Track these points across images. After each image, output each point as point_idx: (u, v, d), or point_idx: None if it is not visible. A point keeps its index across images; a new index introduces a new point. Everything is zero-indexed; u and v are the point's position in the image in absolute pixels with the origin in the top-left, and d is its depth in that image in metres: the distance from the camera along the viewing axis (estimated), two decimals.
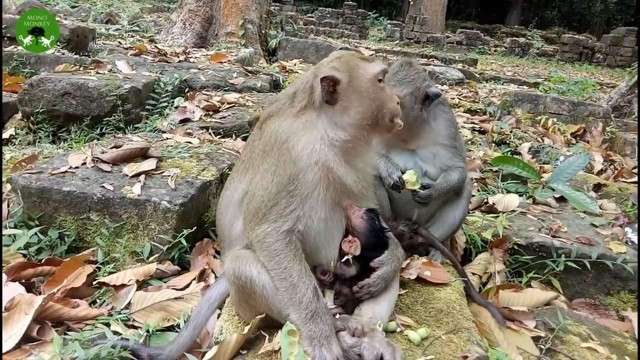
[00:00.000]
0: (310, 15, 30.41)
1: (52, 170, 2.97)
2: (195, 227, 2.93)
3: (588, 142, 7.06)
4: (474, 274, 2.95)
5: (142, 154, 3.30)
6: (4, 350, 1.93)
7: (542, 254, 3.14)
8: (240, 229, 1.97)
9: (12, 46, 7.02)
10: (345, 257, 1.93)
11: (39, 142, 4.65)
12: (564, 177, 4.29)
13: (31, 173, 2.91)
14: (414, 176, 2.54)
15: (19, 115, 4.96)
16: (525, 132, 7.01)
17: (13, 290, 2.26)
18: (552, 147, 6.37)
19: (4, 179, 3.30)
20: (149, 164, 3.15)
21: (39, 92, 4.77)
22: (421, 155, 2.76)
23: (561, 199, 4.06)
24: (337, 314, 1.87)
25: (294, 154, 1.82)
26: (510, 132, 6.74)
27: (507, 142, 6.57)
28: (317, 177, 1.81)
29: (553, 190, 4.15)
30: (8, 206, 2.93)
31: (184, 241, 2.82)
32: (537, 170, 4.63)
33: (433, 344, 1.88)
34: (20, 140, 4.62)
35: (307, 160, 1.81)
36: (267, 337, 1.78)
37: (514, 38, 29.70)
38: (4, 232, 2.74)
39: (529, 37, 30.85)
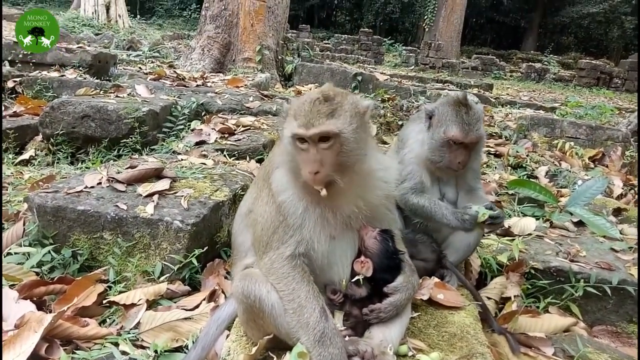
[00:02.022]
0: (327, 42, 30.92)
1: (67, 189, 3.01)
2: (207, 247, 2.92)
3: (607, 166, 6.94)
4: (489, 298, 2.88)
5: (156, 175, 3.33)
6: None
7: (560, 278, 3.05)
8: (242, 240, 2.05)
9: (37, 71, 7.25)
10: (356, 278, 1.89)
11: (57, 163, 4.74)
12: (582, 201, 4.20)
13: (47, 192, 2.96)
14: (483, 209, 2.50)
15: (39, 137, 5.08)
16: (541, 156, 6.92)
17: (24, 307, 2.27)
18: (570, 171, 6.27)
19: (20, 197, 3.36)
20: (162, 184, 3.17)
21: (59, 115, 4.89)
22: (445, 180, 2.75)
23: (579, 224, 3.96)
24: (347, 336, 1.82)
25: (273, 188, 1.88)
26: (527, 155, 6.67)
27: (524, 165, 6.49)
28: (299, 210, 1.82)
29: (571, 214, 4.06)
30: (24, 224, 2.97)
31: (195, 261, 2.81)
32: (554, 194, 4.56)
33: None
34: (39, 162, 4.72)
35: (281, 196, 1.85)
36: (275, 358, 1.74)
37: (530, 63, 29.68)
38: (18, 250, 2.77)
39: (545, 63, 30.81)
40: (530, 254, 3.22)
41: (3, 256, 2.82)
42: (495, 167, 6.13)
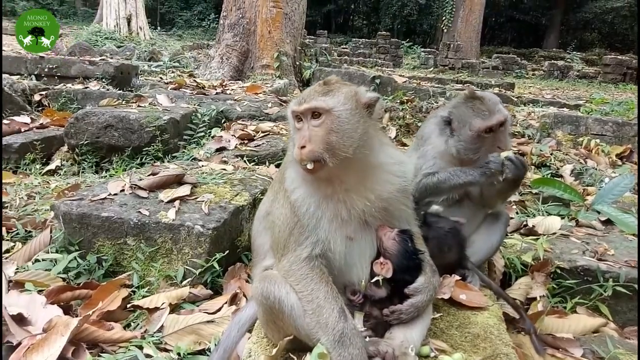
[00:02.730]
0: (344, 46, 30.93)
1: (92, 197, 3.08)
2: (228, 252, 2.95)
3: (635, 163, 6.74)
4: (514, 299, 2.81)
5: (177, 181, 3.38)
6: None
7: (588, 278, 2.97)
8: (261, 242, 2.09)
9: (62, 84, 7.45)
10: (376, 279, 1.88)
11: (82, 172, 4.86)
12: (609, 199, 4.07)
13: (72, 200, 3.03)
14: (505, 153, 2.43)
15: (65, 148, 5.21)
16: (566, 154, 6.77)
17: (51, 312, 2.32)
18: (596, 169, 6.12)
19: (47, 206, 3.44)
20: (183, 190, 3.22)
21: (83, 125, 5.01)
22: None
23: (607, 222, 3.86)
24: (367, 337, 1.81)
25: (286, 186, 1.90)
26: (551, 154, 6.53)
27: (548, 164, 6.36)
28: (311, 207, 1.83)
29: (598, 212, 3.96)
30: (51, 232, 3.05)
31: (216, 265, 2.84)
32: (580, 192, 4.45)
33: None
34: (65, 171, 4.84)
35: (294, 194, 1.86)
36: (296, 359, 1.74)
37: (553, 61, 29.10)
38: (46, 256, 2.84)
39: (568, 60, 30.17)
40: (556, 253, 3.15)
41: (31, 262, 2.90)
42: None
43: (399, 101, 8.44)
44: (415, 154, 2.71)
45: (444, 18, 32.37)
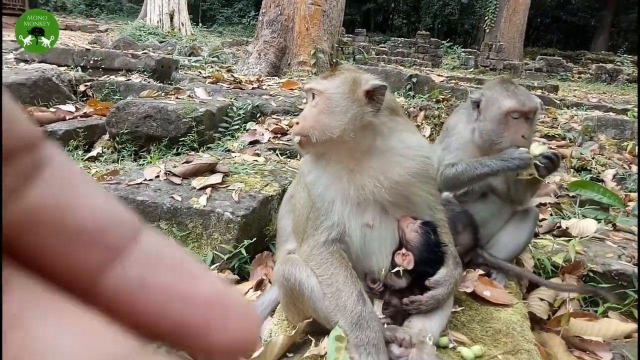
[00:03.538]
0: (383, 45, 30.71)
1: (128, 181, 3.21)
2: (256, 239, 3.01)
3: None
4: (542, 299, 2.76)
5: (210, 169, 3.47)
6: None
7: (622, 282, 2.87)
8: (284, 224, 2.18)
9: (106, 76, 7.75)
10: (396, 269, 1.89)
11: (122, 160, 5.04)
12: None
13: (110, 184, 3.16)
14: (538, 147, 2.35)
15: (106, 136, 5.43)
16: (609, 159, 6.53)
17: None
18: None
19: None
20: (215, 178, 3.30)
21: (124, 115, 5.20)
22: None
23: None
24: (386, 324, 1.82)
25: (302, 171, 2.01)
26: (592, 158, 6.32)
27: (588, 168, 6.15)
28: (319, 188, 1.88)
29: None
30: None
31: (244, 251, 2.90)
32: (621, 198, 4.30)
33: None
34: (105, 159, 5.04)
35: (307, 178, 1.93)
36: (314, 341, 1.77)
37: (601, 64, 28.00)
38: None
39: (618, 63, 28.96)
40: (589, 256, 3.05)
41: None
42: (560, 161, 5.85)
43: (434, 100, 8.35)
44: (440, 146, 2.68)
45: (486, 18, 31.67)
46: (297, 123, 1.84)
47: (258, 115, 6.37)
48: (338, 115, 1.78)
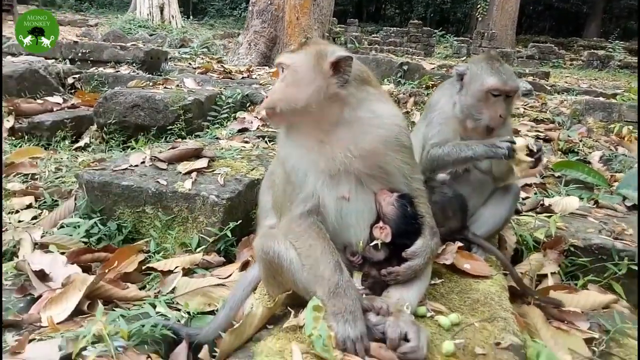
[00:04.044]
0: (375, 35, 30.59)
1: (114, 167, 3.22)
2: (241, 222, 3.03)
3: None
4: (523, 273, 2.80)
5: (196, 154, 3.48)
6: (58, 320, 2.10)
7: (602, 256, 2.92)
8: (265, 200, 2.21)
9: (94, 67, 7.72)
10: (374, 242, 1.91)
11: (110, 150, 5.04)
12: (635, 182, 3.98)
13: (95, 169, 3.17)
14: (523, 141, 2.41)
15: (94, 127, 5.42)
16: (596, 141, 6.58)
17: (71, 270, 2.46)
18: (627, 156, 5.92)
19: (74, 178, 3.61)
20: (201, 163, 3.32)
21: (111, 105, 5.19)
22: None
23: (634, 209, 3.75)
24: (364, 295, 1.86)
25: (278, 146, 2.09)
26: (580, 141, 6.36)
27: (576, 150, 6.19)
28: (292, 159, 1.93)
29: (624, 198, 3.86)
30: (75, 200, 3.20)
31: (229, 234, 2.93)
32: (607, 178, 4.34)
33: (464, 330, 1.81)
34: (93, 148, 5.04)
35: (281, 152, 2.02)
36: (293, 313, 1.80)
37: (593, 51, 28.01)
38: (67, 221, 3.00)
39: (610, 50, 28.93)
40: (571, 231, 3.10)
41: (56, 228, 3.06)
42: (544, 152, 5.89)
43: (424, 86, 8.37)
44: (423, 123, 2.71)
45: (478, 6, 31.62)
46: (266, 97, 1.88)
47: (248, 104, 6.37)
48: (303, 87, 1.81)
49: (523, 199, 3.74)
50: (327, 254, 1.77)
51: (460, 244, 2.40)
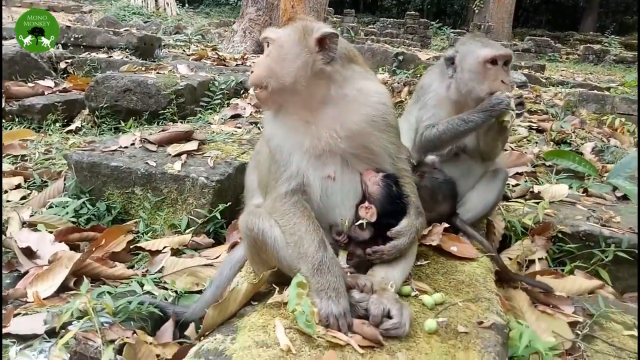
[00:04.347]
0: (372, 26, 30.44)
1: (103, 148, 3.21)
2: (231, 204, 3.03)
3: None
4: (510, 259, 2.82)
5: (186, 137, 3.48)
6: (45, 296, 2.10)
7: (589, 243, 2.94)
8: (251, 180, 2.20)
9: (86, 53, 7.64)
10: (360, 222, 1.91)
11: (101, 134, 5.00)
12: (625, 173, 4.01)
13: (84, 150, 3.16)
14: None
15: (86, 111, 5.38)
16: (589, 133, 6.60)
17: (58, 248, 2.46)
18: (618, 148, 5.95)
19: (64, 160, 3.58)
20: (191, 145, 3.32)
21: (103, 89, 5.15)
22: None
23: (623, 198, 3.78)
24: (349, 274, 1.86)
25: (263, 125, 2.09)
26: (573, 132, 6.38)
27: (568, 141, 6.21)
28: (276, 138, 1.92)
29: (614, 189, 3.88)
30: (64, 180, 3.19)
31: (219, 216, 2.93)
32: (598, 168, 4.36)
33: (448, 309, 1.82)
34: (85, 132, 5.00)
35: (265, 131, 2.04)
36: (278, 289, 1.81)
37: (589, 45, 28.03)
38: (55, 200, 2.98)
39: (606, 44, 28.96)
40: (559, 218, 3.12)
41: (45, 208, 3.05)
42: (537, 143, 5.91)
43: (419, 75, 8.34)
44: (415, 107, 2.71)
45: None
46: (252, 72, 1.86)
47: (242, 91, 6.33)
48: (288, 62, 1.80)
49: (513, 186, 3.76)
50: (311, 231, 1.77)
51: (446, 224, 2.39)
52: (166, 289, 2.41)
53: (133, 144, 3.33)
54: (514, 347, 1.79)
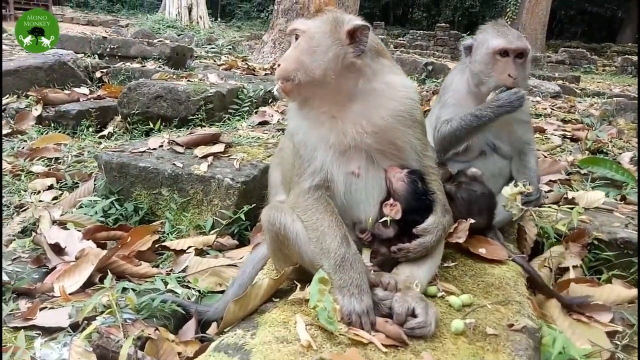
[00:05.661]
0: (402, 38, 30.46)
1: (132, 149, 3.26)
2: (256, 205, 3.02)
3: None
4: (544, 266, 2.71)
5: (213, 140, 3.51)
6: (70, 291, 2.13)
7: (628, 251, 2.79)
8: (275, 176, 2.19)
9: (121, 62, 7.87)
10: (384, 219, 1.87)
11: (132, 139, 5.11)
12: None
13: (114, 151, 3.23)
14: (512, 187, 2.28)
15: (118, 117, 5.51)
16: (627, 142, 6.36)
17: (85, 245, 2.50)
18: None
19: (94, 162, 3.66)
20: (218, 147, 3.34)
21: (135, 96, 5.27)
22: (494, 131, 2.57)
23: None
24: (373, 272, 1.81)
25: (287, 120, 2.07)
26: (610, 141, 6.15)
27: (605, 151, 5.99)
28: (300, 135, 1.89)
29: None
30: (94, 180, 3.26)
31: (243, 217, 2.93)
32: (636, 177, 4.18)
33: (476, 311, 1.75)
34: (117, 137, 5.12)
35: (290, 125, 2.03)
36: (300, 286, 1.77)
37: (627, 56, 27.22)
38: (85, 200, 3.04)
39: None
40: (595, 225, 2.98)
41: (75, 208, 3.11)
42: (571, 152, 5.73)
43: None
44: (437, 106, 2.66)
45: (508, 10, 31.11)
46: (279, 65, 1.82)
47: (270, 100, 6.39)
48: (319, 55, 1.76)
49: (546, 192, 3.63)
50: (333, 227, 1.73)
51: (472, 220, 2.28)
52: (189, 288, 2.41)
53: (161, 146, 3.38)
54: (546, 352, 1.70)
